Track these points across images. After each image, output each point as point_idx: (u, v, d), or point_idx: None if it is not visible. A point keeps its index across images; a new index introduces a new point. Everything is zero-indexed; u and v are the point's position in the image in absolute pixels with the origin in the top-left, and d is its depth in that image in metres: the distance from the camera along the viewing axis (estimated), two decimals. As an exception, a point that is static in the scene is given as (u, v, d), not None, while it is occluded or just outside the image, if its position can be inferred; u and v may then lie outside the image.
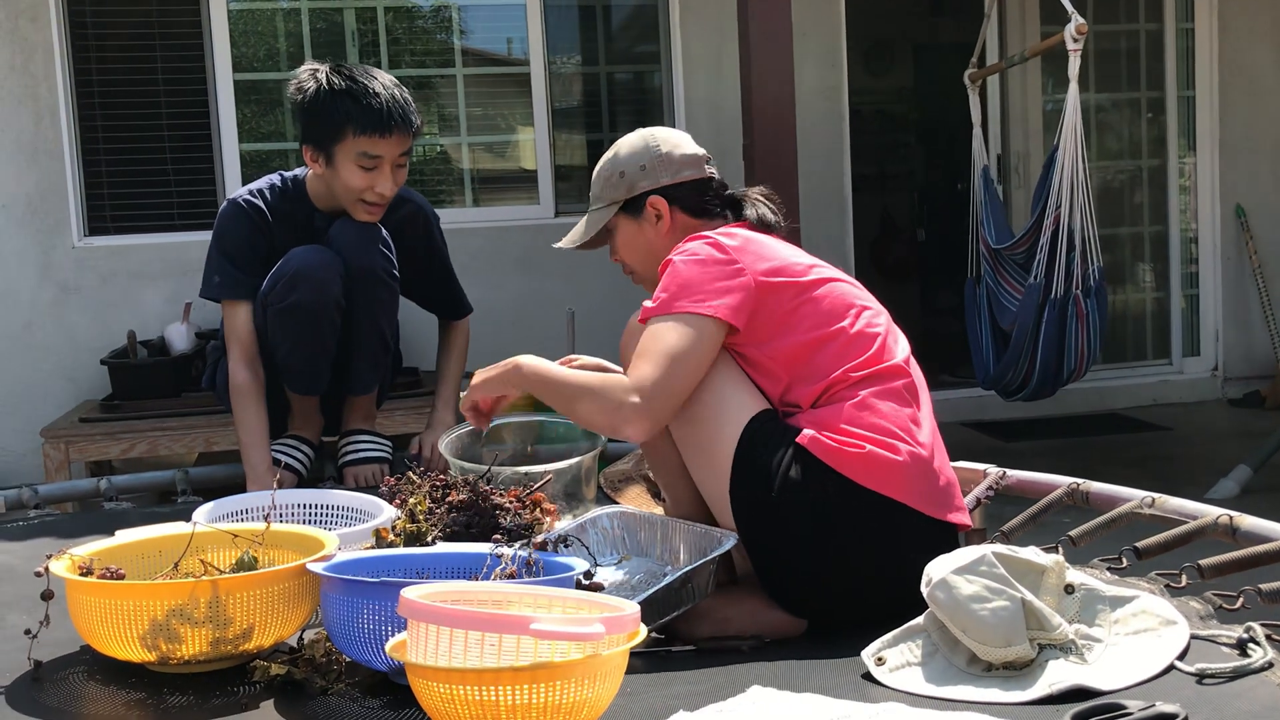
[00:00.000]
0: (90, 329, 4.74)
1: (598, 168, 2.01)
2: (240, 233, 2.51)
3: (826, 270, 1.83)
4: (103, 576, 1.53)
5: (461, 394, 2.02)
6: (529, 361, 1.86)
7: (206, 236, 5.10)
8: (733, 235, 1.81)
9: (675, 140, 1.96)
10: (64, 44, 4.76)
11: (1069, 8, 4.05)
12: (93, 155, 4.87)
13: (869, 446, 1.66)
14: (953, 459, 2.22)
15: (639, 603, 1.44)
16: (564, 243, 2.05)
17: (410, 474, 1.97)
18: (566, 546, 1.78)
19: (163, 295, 4.78)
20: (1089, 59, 5.67)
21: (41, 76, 4.68)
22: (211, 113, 4.92)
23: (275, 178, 2.58)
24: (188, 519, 1.78)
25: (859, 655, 1.48)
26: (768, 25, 3.56)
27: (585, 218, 2.03)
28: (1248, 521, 1.74)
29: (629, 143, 1.97)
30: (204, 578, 1.48)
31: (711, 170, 1.98)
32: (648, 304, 1.79)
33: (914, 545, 1.65)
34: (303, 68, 2.45)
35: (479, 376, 1.92)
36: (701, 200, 1.95)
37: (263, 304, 2.47)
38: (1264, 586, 1.52)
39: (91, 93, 4.88)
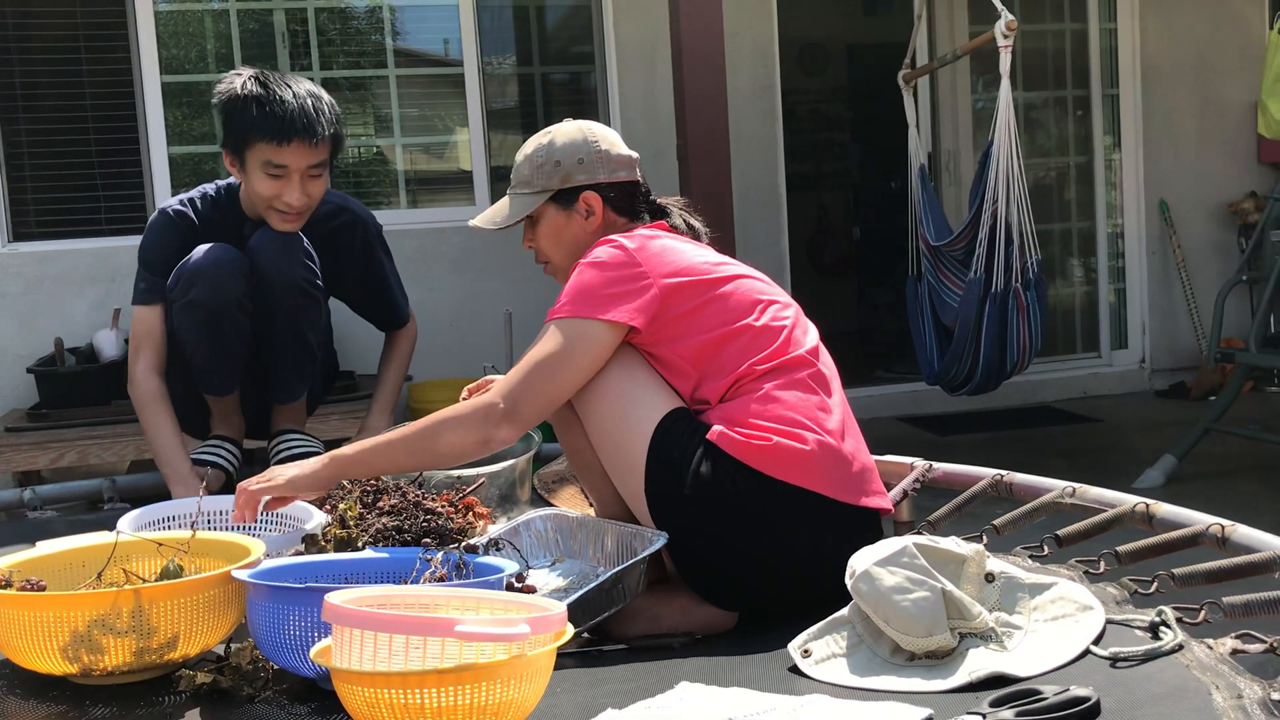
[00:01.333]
0: (16, 336, 4.64)
1: (527, 151, 1.97)
2: (164, 242, 2.49)
3: (733, 267, 1.85)
4: (23, 588, 1.50)
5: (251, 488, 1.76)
6: (345, 450, 1.77)
7: (135, 241, 5.02)
8: (635, 237, 1.82)
9: (611, 139, 1.97)
10: (-16, 46, 4.66)
11: (998, 5, 4.11)
12: (16, 159, 4.77)
13: (776, 438, 1.68)
14: (888, 453, 2.26)
15: (570, 604, 1.44)
16: (481, 222, 2.01)
17: (343, 483, 1.96)
18: (498, 550, 1.78)
19: (91, 301, 4.69)
20: (1017, 58, 5.77)
21: (-39, 79, 4.58)
22: (139, 116, 4.84)
23: (210, 186, 2.55)
24: (114, 528, 1.75)
25: (786, 648, 1.50)
26: (700, 25, 3.58)
27: (508, 199, 2.00)
28: (1163, 509, 1.79)
29: (565, 132, 1.95)
30: (126, 587, 1.46)
31: (640, 174, 1.99)
32: (551, 307, 1.80)
33: (830, 532, 1.67)
34: (231, 72, 2.43)
35: (286, 475, 1.75)
36: (631, 202, 1.96)
37: (169, 301, 2.45)
38: (1177, 571, 1.56)
39: (14, 95, 4.77)
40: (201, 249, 2.41)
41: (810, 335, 1.84)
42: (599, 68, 5.35)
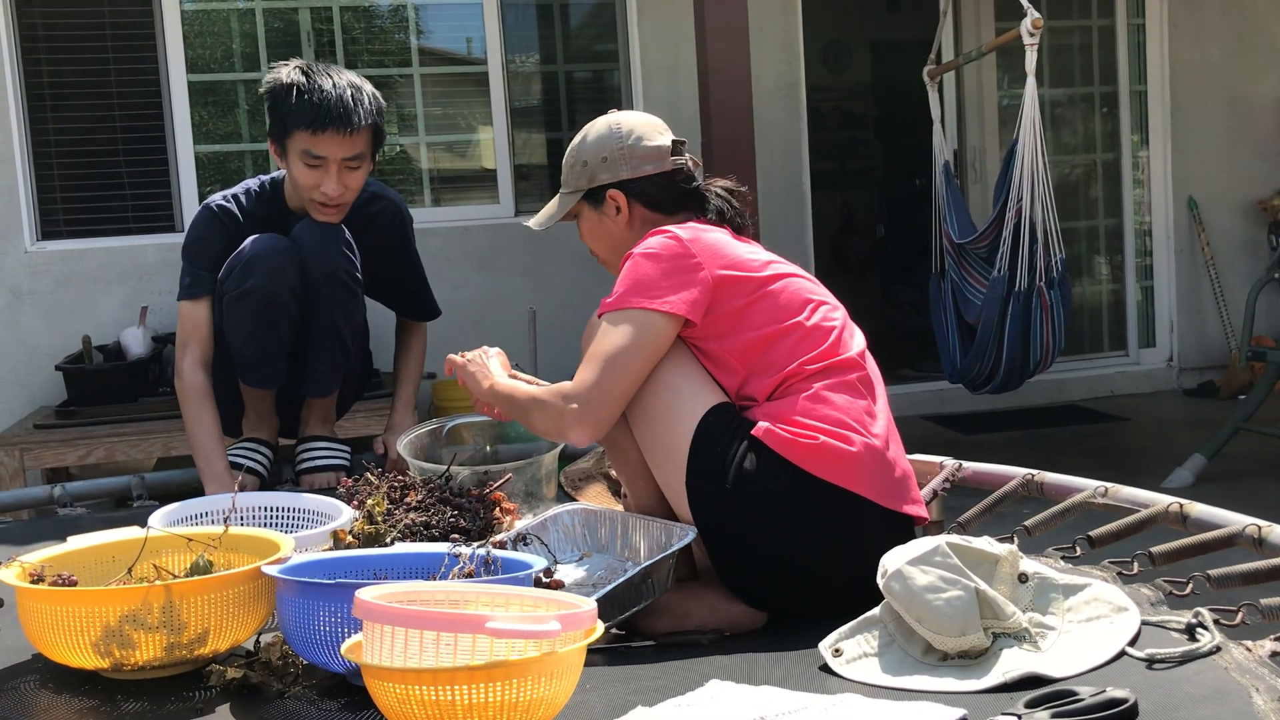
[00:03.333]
0: (44, 334, 4.68)
1: (568, 149, 1.99)
2: (208, 236, 2.49)
3: (783, 266, 1.84)
4: (54, 583, 1.51)
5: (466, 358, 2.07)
6: (497, 381, 1.93)
7: (162, 239, 5.04)
8: (689, 227, 1.82)
9: (641, 130, 1.92)
10: (13, 45, 4.69)
11: (1024, 2, 4.08)
12: (44, 158, 4.81)
13: (823, 438, 1.67)
14: (913, 452, 2.24)
15: (598, 599, 1.44)
16: (532, 222, 2.04)
17: (368, 474, 1.97)
18: (525, 545, 1.78)
19: (118, 299, 4.73)
20: (1043, 54, 5.72)
21: (-10, 78, 4.62)
22: (166, 114, 4.86)
23: (254, 182, 2.56)
24: (144, 524, 1.76)
25: (817, 647, 1.49)
26: (724, 23, 3.57)
27: (557, 198, 2.03)
28: (1197, 509, 1.77)
29: (596, 129, 1.94)
30: (157, 582, 1.46)
31: (678, 161, 1.93)
32: (605, 298, 1.79)
33: (869, 536, 1.66)
34: (281, 62, 2.44)
35: (469, 362, 2.01)
36: (662, 195, 1.93)
37: (219, 293, 2.45)
38: (1212, 572, 1.54)
39: (42, 95, 4.81)
40: (253, 239, 2.42)
41: (857, 339, 1.83)
42: (623, 65, 5.34)
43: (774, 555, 1.68)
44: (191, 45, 4.93)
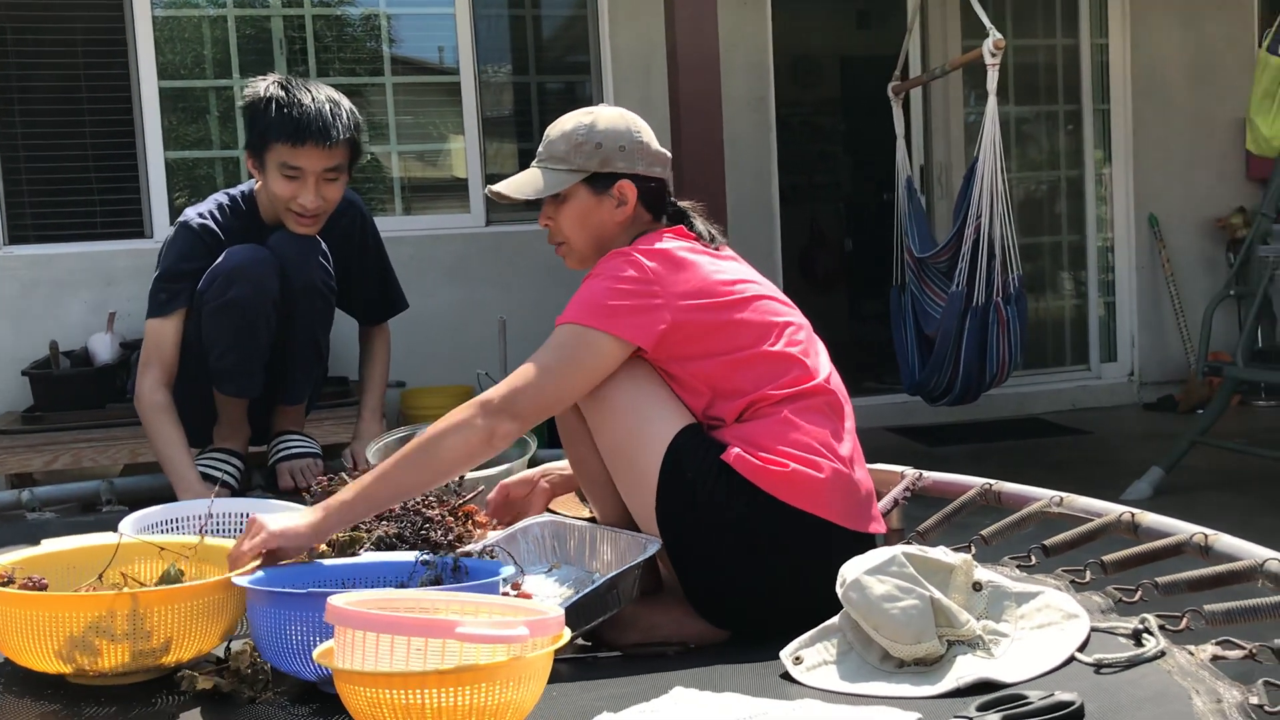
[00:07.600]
0: (11, 339, 4.65)
1: (565, 127, 1.88)
2: (189, 253, 2.49)
3: (751, 286, 1.83)
4: (24, 586, 1.52)
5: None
6: (339, 495, 1.66)
7: (131, 245, 5.01)
8: (656, 254, 1.78)
9: (650, 133, 1.92)
10: (-18, 49, 4.67)
11: (986, 23, 4.16)
12: (12, 163, 4.78)
13: (793, 465, 1.68)
14: (877, 463, 2.29)
15: (565, 609, 1.47)
16: (507, 189, 1.90)
17: (343, 476, 1.99)
18: (491, 557, 1.81)
19: (86, 305, 4.71)
20: (1009, 71, 5.82)
21: (-42, 82, 4.59)
22: (136, 120, 4.85)
23: (223, 196, 2.58)
24: (115, 529, 1.77)
25: (779, 656, 1.52)
26: (695, 37, 3.62)
27: (535, 171, 1.90)
28: (1148, 519, 1.82)
29: (608, 117, 1.89)
30: (124, 590, 1.47)
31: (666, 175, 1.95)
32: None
33: (836, 559, 1.66)
34: (259, 77, 2.47)
35: (274, 528, 1.59)
36: (660, 200, 1.93)
37: (199, 304, 2.46)
38: (1160, 579, 1.59)
39: (11, 99, 4.79)
40: (232, 250, 2.45)
41: (823, 359, 1.84)
42: (595, 77, 5.38)
43: (743, 580, 1.70)
44: (163, 51, 4.92)
